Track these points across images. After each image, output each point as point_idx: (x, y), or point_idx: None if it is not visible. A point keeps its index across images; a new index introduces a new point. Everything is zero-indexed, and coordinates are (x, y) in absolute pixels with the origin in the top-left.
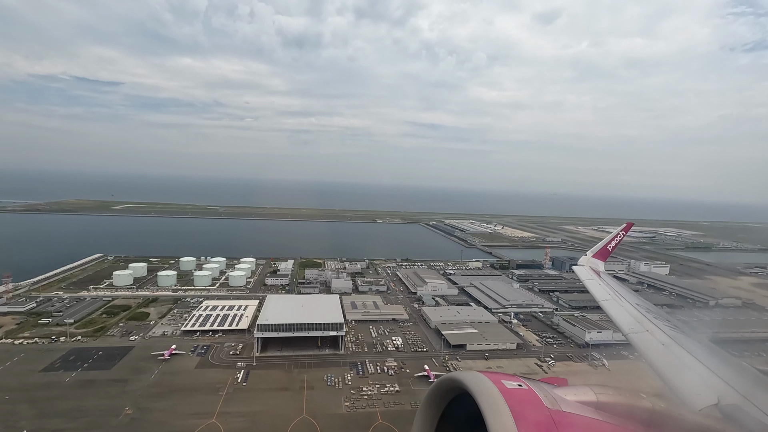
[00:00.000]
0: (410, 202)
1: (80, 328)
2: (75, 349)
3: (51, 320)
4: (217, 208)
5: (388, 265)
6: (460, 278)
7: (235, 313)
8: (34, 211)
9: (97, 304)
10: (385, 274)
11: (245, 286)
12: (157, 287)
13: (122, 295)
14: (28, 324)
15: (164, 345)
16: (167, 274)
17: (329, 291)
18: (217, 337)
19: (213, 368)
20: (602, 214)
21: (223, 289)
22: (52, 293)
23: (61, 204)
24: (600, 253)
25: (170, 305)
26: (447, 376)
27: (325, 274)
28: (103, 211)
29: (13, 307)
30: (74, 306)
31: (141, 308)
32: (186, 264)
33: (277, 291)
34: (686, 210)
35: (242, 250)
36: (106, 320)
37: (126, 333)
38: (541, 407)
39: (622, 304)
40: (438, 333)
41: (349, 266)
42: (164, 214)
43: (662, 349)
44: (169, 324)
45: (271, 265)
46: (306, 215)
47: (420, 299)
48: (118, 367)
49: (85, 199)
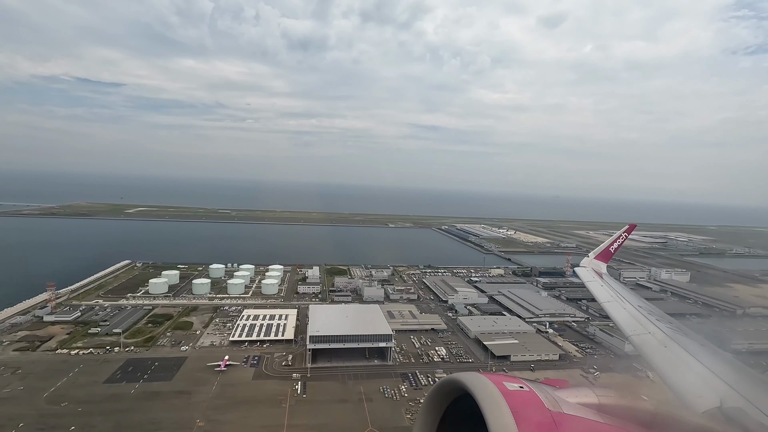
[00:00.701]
0: (417, 205)
1: (130, 338)
2: (131, 360)
3: (100, 330)
4: (228, 211)
5: (411, 272)
6: (486, 286)
7: (278, 323)
8: (49, 215)
9: (139, 313)
10: (411, 282)
11: (278, 294)
12: (192, 295)
13: (161, 303)
14: (78, 333)
15: (215, 355)
16: (202, 282)
17: (362, 299)
18: (265, 347)
19: (270, 379)
20: (608, 217)
21: (257, 297)
22: (92, 301)
23: (73, 207)
24: (602, 254)
25: (210, 314)
26: (448, 378)
27: (354, 282)
28: (118, 215)
29: (60, 316)
30: (117, 315)
31: (183, 317)
32: (215, 271)
33: (310, 299)
34: (689, 213)
35: (265, 256)
36: (152, 330)
37: (175, 343)
38: (542, 409)
39: (624, 306)
40: (478, 343)
41: (375, 273)
42: (178, 218)
43: (664, 351)
44: (214, 334)
45: (297, 272)
46: (317, 219)
47: (452, 308)
48: (177, 378)
49: (97, 202)
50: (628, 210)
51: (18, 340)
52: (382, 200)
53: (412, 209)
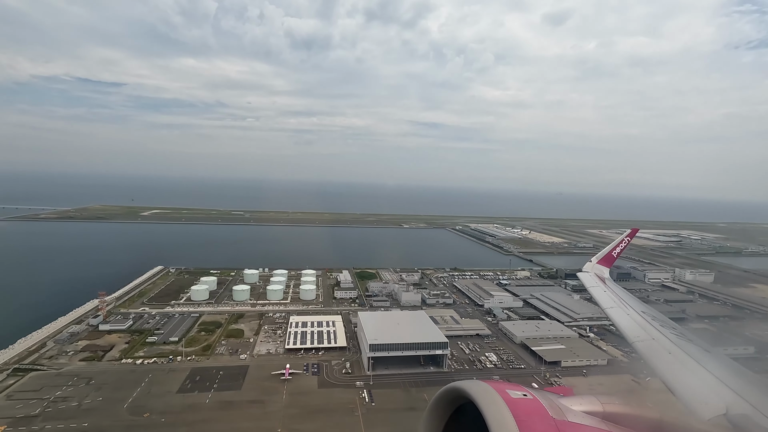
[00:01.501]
0: (423, 204)
1: (187, 346)
2: (196, 369)
3: (157, 339)
4: (241, 213)
5: (438, 274)
6: (516, 289)
7: (327, 330)
8: (66, 219)
9: (188, 320)
10: (441, 285)
11: (316, 299)
12: (233, 301)
13: (206, 310)
14: (137, 343)
15: (274, 364)
16: (242, 288)
17: (399, 304)
18: (320, 354)
19: (335, 388)
20: (615, 215)
21: (297, 303)
22: (139, 309)
23: (89, 211)
24: (605, 259)
25: (257, 321)
26: (451, 386)
27: (389, 286)
28: (134, 218)
29: (115, 325)
30: (168, 323)
31: (231, 325)
32: (249, 276)
33: (349, 304)
34: (694, 210)
35: (290, 260)
36: (206, 338)
37: (233, 351)
38: (546, 417)
39: (628, 312)
40: (525, 348)
41: (406, 277)
42: (194, 221)
43: (669, 358)
44: (267, 341)
45: (328, 276)
46: (331, 220)
47: (490, 312)
48: (246, 387)
49: (110, 205)
50: (633, 207)
51: (81, 350)
52: (387, 199)
53: (419, 208)
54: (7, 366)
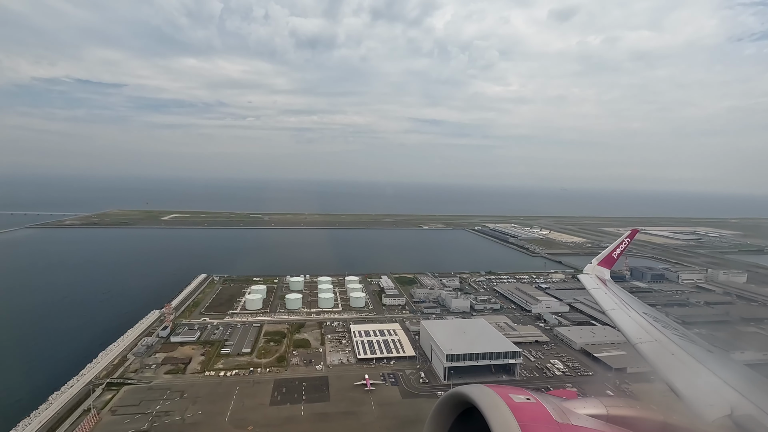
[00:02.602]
0: (430, 203)
1: (261, 357)
2: (279, 381)
3: (231, 350)
4: (260, 216)
5: (475, 278)
6: (557, 293)
7: (392, 339)
8: (91, 225)
9: (252, 330)
10: (482, 289)
11: (365, 306)
12: (287, 310)
13: (266, 320)
14: (212, 354)
15: (351, 374)
16: (294, 297)
17: (448, 310)
18: (392, 364)
19: (418, 398)
20: (624, 211)
21: (351, 311)
22: (199, 319)
23: (110, 216)
24: (605, 261)
25: (318, 330)
26: (453, 391)
27: (435, 292)
28: (156, 223)
29: (185, 336)
30: (233, 333)
31: (295, 334)
32: (295, 284)
33: (400, 311)
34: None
35: (325, 265)
36: (276, 348)
37: (308, 362)
38: (550, 421)
39: (629, 314)
40: (585, 355)
41: (447, 282)
42: (217, 225)
43: (672, 359)
44: (336, 351)
45: (369, 281)
46: (350, 222)
47: (539, 318)
48: (333, 398)
49: (128, 209)
50: (639, 203)
51: (162, 363)
52: (392, 198)
53: (427, 207)
54: (99, 380)
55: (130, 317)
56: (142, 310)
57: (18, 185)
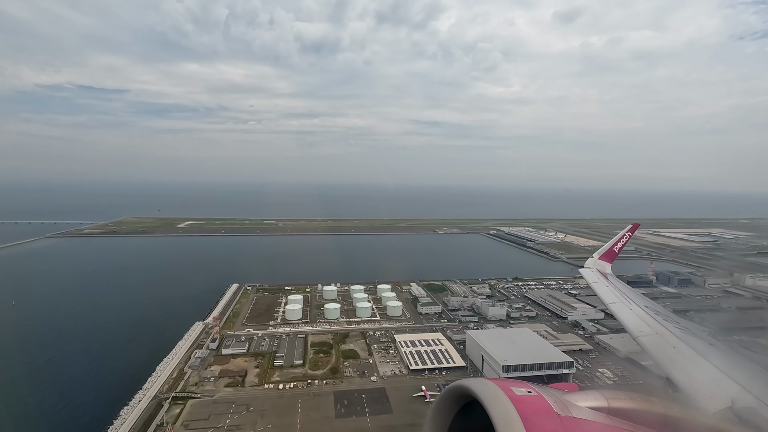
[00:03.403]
0: (441, 207)
1: (314, 368)
2: (339, 393)
3: (283, 362)
4: (274, 222)
5: (503, 285)
6: (588, 299)
7: (439, 349)
8: (111, 234)
9: (298, 341)
10: (513, 297)
11: (402, 315)
12: (326, 320)
13: (308, 330)
14: (266, 366)
15: (407, 385)
16: (333, 306)
17: (485, 319)
18: (444, 375)
19: None
20: (633, 213)
21: (388, 320)
22: (243, 330)
23: (126, 224)
24: (606, 255)
25: (362, 340)
26: (455, 384)
27: (469, 300)
28: (174, 231)
29: (236, 348)
30: (281, 344)
31: (341, 345)
32: (329, 293)
33: (438, 320)
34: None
35: (351, 272)
36: (326, 359)
37: (361, 373)
38: (551, 414)
39: (631, 307)
40: (631, 363)
41: (478, 289)
42: (233, 233)
43: (673, 352)
44: (386, 362)
45: (399, 290)
46: (364, 227)
47: (577, 325)
48: (396, 411)
49: (143, 217)
50: (645, 203)
51: (219, 376)
52: (399, 202)
53: (436, 211)
54: (163, 394)
55: (174, 329)
56: (185, 322)
57: (25, 192)
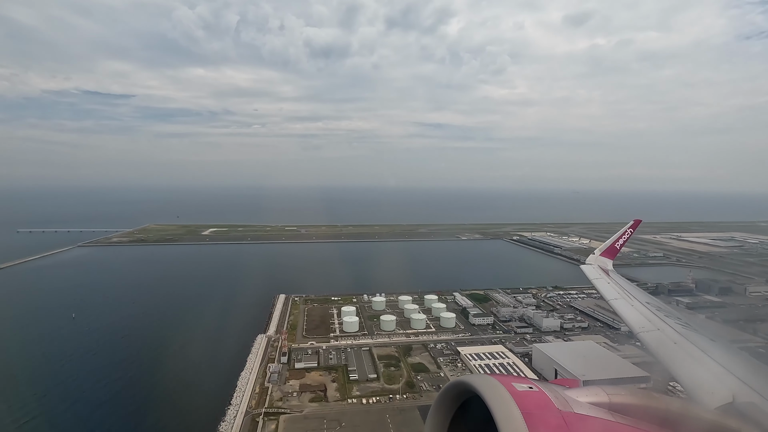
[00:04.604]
0: (453, 210)
1: (390, 383)
2: (422, 408)
3: (358, 376)
4: (296, 228)
5: (545, 294)
6: None
7: (507, 362)
8: (139, 243)
9: (365, 354)
10: (558, 306)
11: (456, 327)
12: (383, 332)
13: (371, 342)
14: (343, 380)
15: None
16: (389, 318)
17: (540, 330)
18: None
19: None
20: (651, 216)
21: (444, 332)
22: (306, 344)
23: (151, 231)
24: (608, 251)
25: (426, 353)
26: (456, 380)
27: (519, 310)
28: (201, 239)
29: (308, 362)
30: (349, 357)
31: (407, 358)
32: (378, 304)
33: (494, 332)
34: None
35: (388, 281)
36: (398, 373)
37: (436, 387)
38: (552, 409)
39: (632, 303)
40: None
41: (523, 299)
42: (260, 240)
43: (674, 347)
44: (457, 375)
45: (445, 300)
46: (385, 234)
47: (632, 336)
48: None
49: (165, 224)
50: (658, 205)
51: (301, 390)
52: (408, 206)
53: (450, 214)
54: (254, 410)
55: (237, 342)
56: (244, 334)
57: (37, 199)
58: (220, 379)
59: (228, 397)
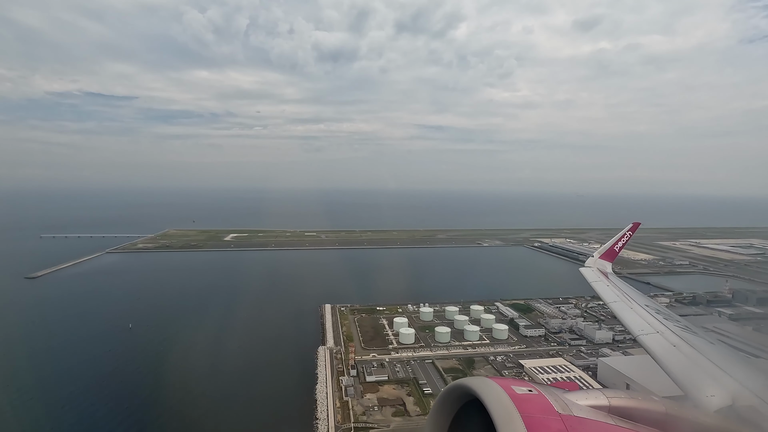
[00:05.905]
0: (460, 216)
1: None
2: None
3: (432, 390)
4: (314, 233)
5: (585, 304)
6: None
7: (574, 375)
8: (165, 249)
9: (427, 367)
10: (601, 317)
11: (509, 338)
12: (439, 344)
13: (431, 354)
14: (418, 394)
15: None
16: (444, 330)
17: (593, 342)
18: None
19: None
20: (665, 221)
21: (500, 344)
22: (368, 356)
23: (173, 237)
24: (607, 254)
25: (488, 365)
26: (456, 383)
27: (568, 321)
28: (224, 245)
29: (378, 375)
30: (415, 371)
31: (470, 370)
32: (425, 315)
33: (548, 344)
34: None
35: (423, 291)
36: None
37: None
38: (552, 413)
39: (631, 306)
40: None
41: (568, 311)
42: (283, 246)
43: (674, 351)
44: None
45: (489, 310)
46: (405, 240)
47: None
48: None
49: (185, 229)
50: (662, 209)
51: (380, 405)
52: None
53: (463, 220)
54: (342, 425)
55: (299, 354)
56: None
57: (49, 201)
58: (297, 391)
59: (311, 411)
